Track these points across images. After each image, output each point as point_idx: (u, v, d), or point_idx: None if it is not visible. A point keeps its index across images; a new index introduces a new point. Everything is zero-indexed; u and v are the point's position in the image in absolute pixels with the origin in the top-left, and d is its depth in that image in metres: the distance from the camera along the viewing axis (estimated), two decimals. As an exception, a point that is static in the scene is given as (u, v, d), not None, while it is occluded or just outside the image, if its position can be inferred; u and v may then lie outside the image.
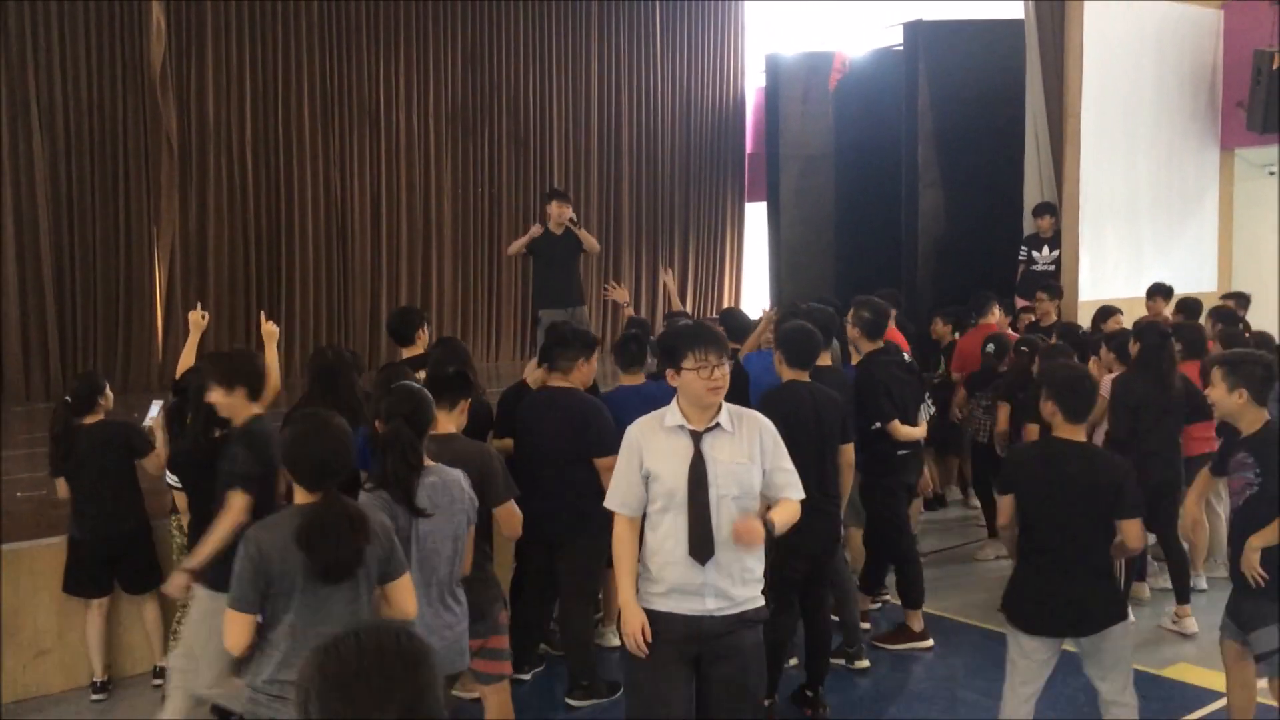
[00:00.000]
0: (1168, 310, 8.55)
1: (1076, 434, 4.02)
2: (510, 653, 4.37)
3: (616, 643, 5.62)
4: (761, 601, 3.54)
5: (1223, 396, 4.20)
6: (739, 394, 5.20)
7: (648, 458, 3.46)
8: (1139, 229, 10.38)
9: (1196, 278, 10.41)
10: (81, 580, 5.27)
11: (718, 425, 3.44)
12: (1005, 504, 4.13)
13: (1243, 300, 8.57)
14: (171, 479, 4.78)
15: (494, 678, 4.26)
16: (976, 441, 7.18)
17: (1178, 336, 6.26)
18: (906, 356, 6.15)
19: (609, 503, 3.58)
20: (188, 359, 5.37)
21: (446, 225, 12.98)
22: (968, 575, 7.04)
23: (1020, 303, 9.37)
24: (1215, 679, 4.47)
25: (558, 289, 8.73)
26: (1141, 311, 8.42)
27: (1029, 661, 4.07)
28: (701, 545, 3.38)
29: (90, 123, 10.48)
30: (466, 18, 12.93)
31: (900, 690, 5.39)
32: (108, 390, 5.34)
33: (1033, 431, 5.75)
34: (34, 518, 5.81)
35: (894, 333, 7.34)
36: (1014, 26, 10.43)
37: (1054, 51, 10.00)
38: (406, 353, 5.86)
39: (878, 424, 5.56)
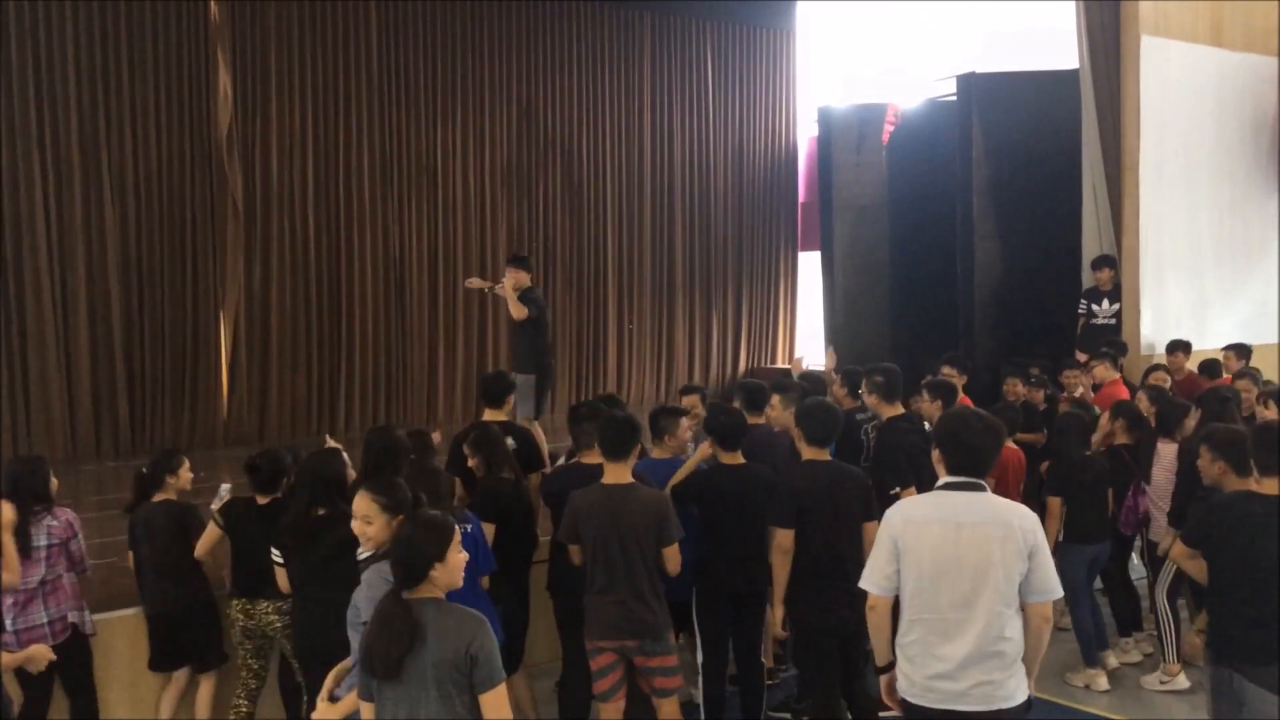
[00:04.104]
0: (1190, 364, 8.53)
1: None
2: (681, 667, 4.90)
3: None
4: None
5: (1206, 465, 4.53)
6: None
7: None
8: (1202, 281, 10.24)
9: (1260, 329, 10.22)
10: (154, 654, 5.35)
11: None
12: None
13: (1244, 351, 8.54)
14: (275, 555, 4.67)
15: (669, 691, 4.79)
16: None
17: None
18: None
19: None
20: None
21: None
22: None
23: (1081, 357, 9.29)
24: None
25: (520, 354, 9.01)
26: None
27: None
28: None
29: (159, 189, 10.78)
30: (521, 75, 13.14)
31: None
32: (181, 471, 5.36)
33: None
34: (104, 588, 5.88)
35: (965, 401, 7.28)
36: (1068, 77, 10.37)
37: (1110, 102, 9.92)
38: (490, 415, 6.17)
39: (896, 489, 5.60)
